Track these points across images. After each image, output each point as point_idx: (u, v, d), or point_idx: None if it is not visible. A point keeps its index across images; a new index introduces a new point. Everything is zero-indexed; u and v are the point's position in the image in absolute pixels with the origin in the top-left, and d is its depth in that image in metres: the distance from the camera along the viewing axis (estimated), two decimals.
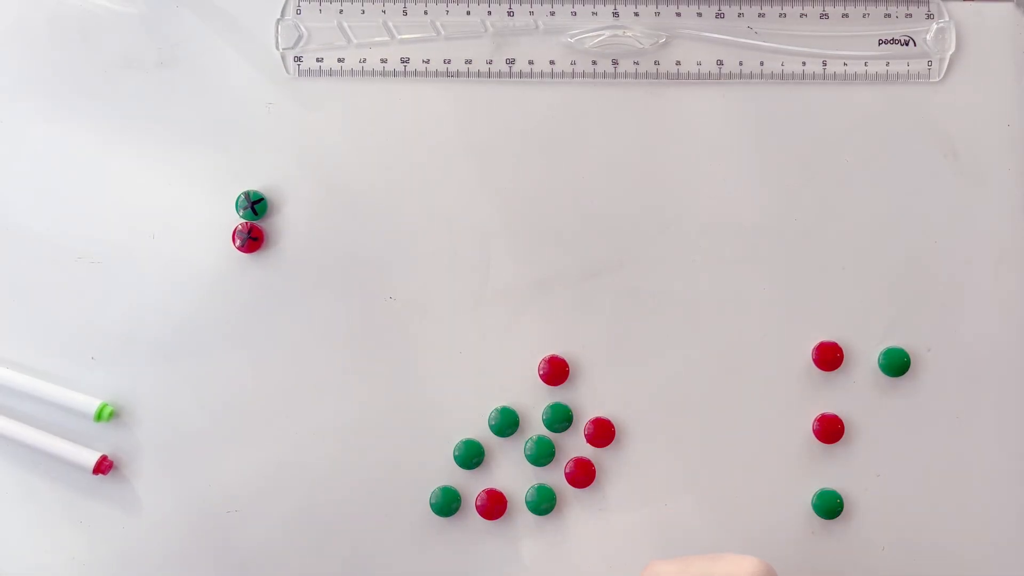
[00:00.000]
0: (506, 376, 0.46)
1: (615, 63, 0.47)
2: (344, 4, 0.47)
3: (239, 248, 0.46)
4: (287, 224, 0.47)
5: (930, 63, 0.47)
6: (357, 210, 0.47)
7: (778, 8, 0.47)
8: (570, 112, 0.47)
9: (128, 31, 0.47)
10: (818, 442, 0.46)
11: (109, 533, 0.46)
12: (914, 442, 0.46)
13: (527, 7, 0.47)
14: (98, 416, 0.45)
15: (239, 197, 0.46)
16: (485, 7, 0.47)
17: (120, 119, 0.47)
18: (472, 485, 0.46)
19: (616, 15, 0.47)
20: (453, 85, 0.47)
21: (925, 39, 0.47)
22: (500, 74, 0.47)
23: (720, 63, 0.47)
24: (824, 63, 0.47)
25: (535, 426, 0.46)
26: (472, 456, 0.46)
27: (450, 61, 0.47)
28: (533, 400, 0.46)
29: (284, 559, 0.46)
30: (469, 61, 0.47)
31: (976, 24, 0.47)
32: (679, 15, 0.47)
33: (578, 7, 0.47)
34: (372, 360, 0.46)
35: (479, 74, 0.47)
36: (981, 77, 0.47)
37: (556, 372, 0.46)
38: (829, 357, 0.46)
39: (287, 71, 0.47)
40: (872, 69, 0.47)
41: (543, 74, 0.47)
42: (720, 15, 0.47)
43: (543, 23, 0.47)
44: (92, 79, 0.47)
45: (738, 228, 0.47)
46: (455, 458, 0.46)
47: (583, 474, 0.46)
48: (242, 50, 0.47)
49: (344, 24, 0.47)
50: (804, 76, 0.47)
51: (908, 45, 0.47)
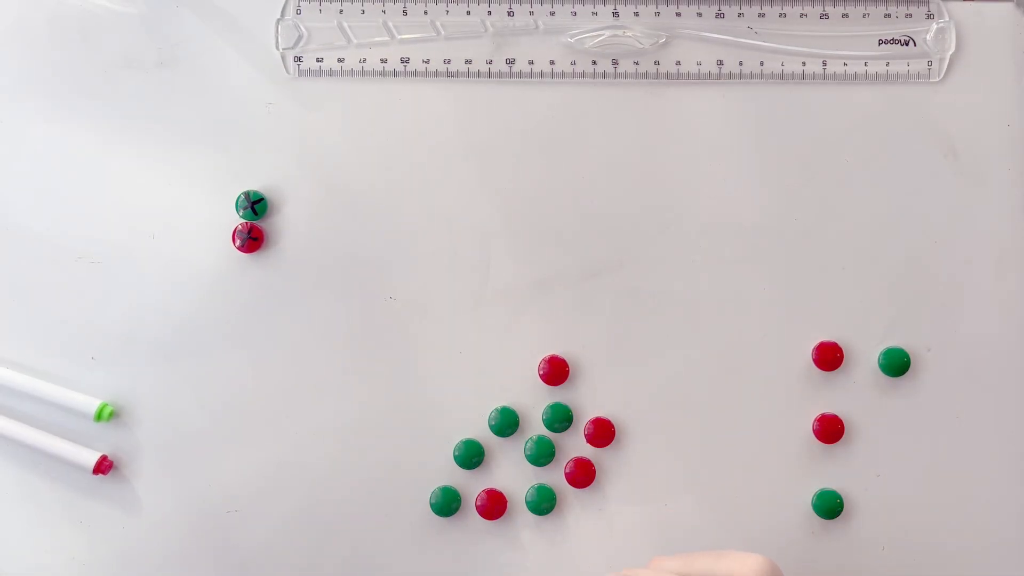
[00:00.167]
0: (506, 376, 0.46)
1: (615, 63, 0.47)
2: (344, 4, 0.47)
3: (239, 248, 0.46)
4: (287, 224, 0.47)
5: (930, 63, 0.47)
6: (357, 210, 0.47)
7: (778, 8, 0.47)
8: (570, 112, 0.47)
9: (128, 31, 0.47)
10: (818, 442, 0.46)
11: (109, 533, 0.46)
12: (914, 442, 0.46)
13: (527, 7, 0.47)
14: (98, 416, 0.45)
15: (239, 197, 0.46)
16: (485, 7, 0.47)
17: (120, 119, 0.47)
18: (472, 485, 0.46)
19: (616, 15, 0.47)
20: (453, 85, 0.47)
21: (925, 39, 0.47)
22: (500, 74, 0.47)
23: (720, 63, 0.47)
24: (824, 63, 0.47)
25: (535, 426, 0.46)
26: (472, 456, 0.46)
27: (450, 61, 0.47)
28: (533, 400, 0.46)
29: (284, 559, 0.46)
30: (469, 61, 0.47)
31: (976, 24, 0.47)
32: (679, 15, 0.47)
33: (578, 7, 0.47)
34: (372, 360, 0.46)
35: (479, 74, 0.47)
36: (981, 77, 0.47)
37: (556, 372, 0.46)
38: (829, 357, 0.46)
39: (287, 71, 0.47)
40: (872, 69, 0.47)
41: (543, 74, 0.47)
42: (720, 15, 0.47)
43: (543, 23, 0.47)
44: (92, 79, 0.47)
45: (738, 228, 0.46)
46: (455, 458, 0.46)
47: (583, 474, 0.46)
48: (242, 50, 0.47)
49: (344, 24, 0.47)
50: (804, 76, 0.47)
51: (908, 45, 0.47)
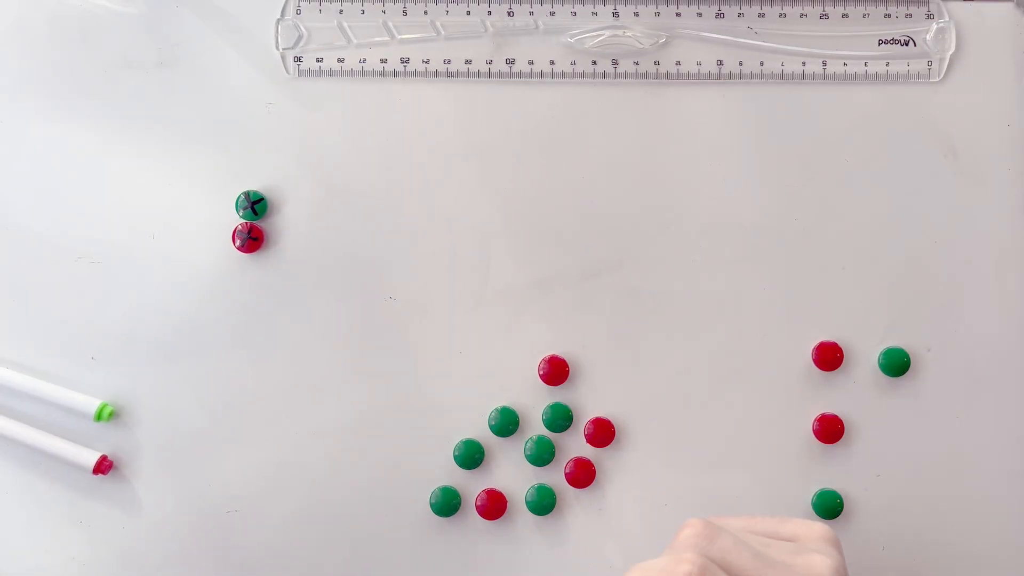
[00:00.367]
0: (506, 376, 0.46)
1: (615, 63, 0.47)
2: (344, 4, 0.47)
3: (239, 248, 0.46)
4: (287, 224, 0.47)
5: (930, 63, 0.47)
6: (357, 210, 0.47)
7: (778, 8, 0.47)
8: (570, 112, 0.47)
9: (128, 31, 0.47)
10: (818, 442, 0.46)
11: (109, 533, 0.46)
12: (914, 442, 0.46)
13: (527, 7, 0.47)
14: (98, 416, 0.45)
15: (239, 197, 0.46)
16: (485, 7, 0.47)
17: (120, 119, 0.47)
18: (472, 485, 0.46)
19: (616, 15, 0.47)
20: (453, 85, 0.47)
21: (925, 39, 0.47)
22: (500, 74, 0.47)
23: (720, 63, 0.47)
24: (824, 63, 0.47)
25: (535, 426, 0.46)
26: (472, 456, 0.46)
27: (450, 61, 0.47)
28: (533, 400, 0.46)
29: (284, 559, 0.46)
30: (469, 61, 0.47)
31: (976, 24, 0.47)
32: (679, 15, 0.47)
33: (578, 7, 0.47)
34: (372, 360, 0.46)
35: (479, 74, 0.47)
36: (981, 77, 0.47)
37: (556, 372, 0.46)
38: (829, 357, 0.46)
39: (287, 71, 0.47)
40: (872, 69, 0.47)
41: (543, 74, 0.47)
42: (720, 15, 0.47)
43: (543, 23, 0.47)
44: (92, 79, 0.47)
45: (738, 228, 0.46)
46: (455, 458, 0.46)
47: (583, 474, 0.46)
48: (242, 50, 0.47)
49: (344, 24, 0.47)
50: (804, 76, 0.47)
51: (908, 45, 0.47)
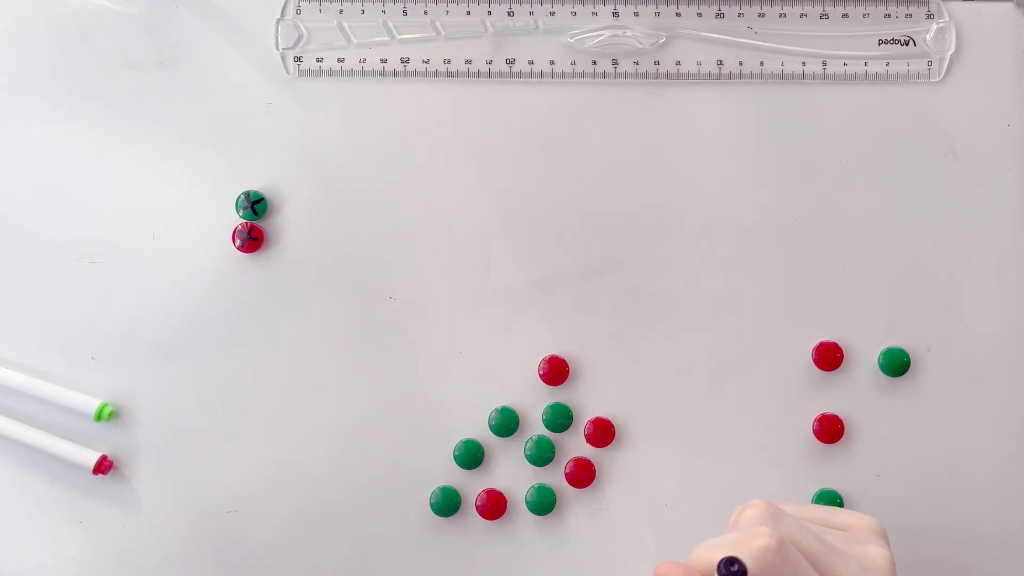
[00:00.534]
0: (506, 376, 0.46)
1: (615, 63, 0.47)
2: (344, 4, 0.47)
3: (239, 248, 0.46)
4: (287, 224, 0.47)
5: (930, 63, 0.47)
6: (357, 210, 0.47)
7: (778, 8, 0.47)
8: (570, 112, 0.47)
9: (128, 31, 0.47)
10: (818, 442, 0.46)
11: (109, 533, 0.46)
12: (914, 442, 0.46)
13: (527, 7, 0.47)
14: (98, 416, 0.45)
15: (239, 197, 0.46)
16: (485, 7, 0.47)
17: (120, 119, 0.47)
18: (472, 485, 0.46)
19: (616, 15, 0.47)
20: (453, 85, 0.47)
21: (925, 39, 0.47)
22: (500, 74, 0.47)
23: (720, 63, 0.47)
24: (824, 63, 0.47)
25: (535, 426, 0.46)
26: (472, 456, 0.46)
27: (450, 61, 0.47)
28: (533, 400, 0.46)
29: (284, 559, 0.46)
30: (469, 61, 0.47)
31: (976, 24, 0.47)
32: (679, 15, 0.47)
33: (578, 7, 0.47)
34: (372, 360, 0.46)
35: (479, 74, 0.47)
36: (981, 77, 0.47)
37: (556, 372, 0.46)
38: (829, 357, 0.46)
39: (287, 71, 0.47)
40: (872, 69, 0.47)
41: (543, 74, 0.47)
42: (720, 15, 0.47)
43: (543, 23, 0.47)
44: (92, 79, 0.47)
45: (738, 228, 0.46)
46: (455, 458, 0.46)
47: (583, 474, 0.46)
48: (242, 50, 0.47)
49: (344, 24, 0.47)
50: (804, 76, 0.47)
51: (908, 45, 0.47)
